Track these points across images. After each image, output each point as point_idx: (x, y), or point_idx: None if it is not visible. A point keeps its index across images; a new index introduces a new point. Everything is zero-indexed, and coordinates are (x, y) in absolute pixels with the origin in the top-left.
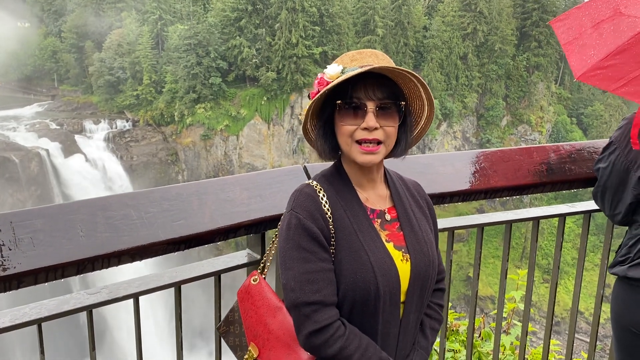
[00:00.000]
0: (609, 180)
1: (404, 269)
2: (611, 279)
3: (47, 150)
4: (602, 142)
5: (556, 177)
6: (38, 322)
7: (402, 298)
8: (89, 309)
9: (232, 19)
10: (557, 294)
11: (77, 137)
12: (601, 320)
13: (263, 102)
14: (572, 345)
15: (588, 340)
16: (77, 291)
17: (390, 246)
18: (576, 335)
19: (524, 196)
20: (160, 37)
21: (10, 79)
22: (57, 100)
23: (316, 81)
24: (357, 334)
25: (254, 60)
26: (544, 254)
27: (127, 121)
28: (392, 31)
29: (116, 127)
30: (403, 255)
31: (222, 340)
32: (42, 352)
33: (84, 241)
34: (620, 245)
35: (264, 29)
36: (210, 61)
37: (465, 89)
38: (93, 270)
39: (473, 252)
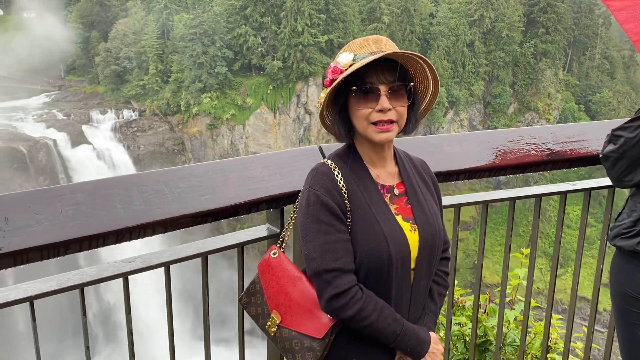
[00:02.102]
0: (631, 150)
1: (413, 238)
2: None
3: (54, 141)
4: (602, 124)
5: (557, 157)
6: (80, 286)
7: (413, 265)
8: (125, 275)
9: (238, 8)
10: (564, 282)
11: (84, 127)
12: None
13: (269, 91)
14: (572, 321)
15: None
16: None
17: (399, 218)
18: (581, 322)
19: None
20: (165, 26)
21: (17, 70)
22: (64, 91)
23: (330, 70)
24: (374, 298)
25: (259, 49)
26: (552, 242)
27: (134, 111)
28: (398, 18)
29: (123, 117)
30: (411, 226)
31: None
32: (84, 314)
33: (122, 213)
34: (618, 215)
35: (269, 18)
36: (215, 50)
37: (472, 76)
38: (130, 239)
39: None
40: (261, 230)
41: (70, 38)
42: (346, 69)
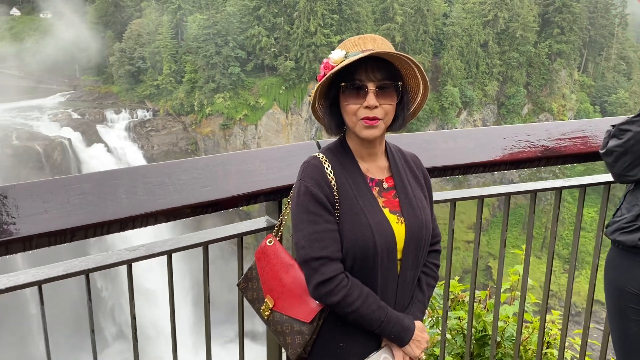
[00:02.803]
0: (636, 146)
1: (399, 229)
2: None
3: (69, 140)
4: (599, 121)
5: (551, 153)
6: (86, 272)
7: (399, 256)
8: (129, 262)
9: (251, 8)
10: (578, 284)
11: (98, 126)
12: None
13: (281, 91)
14: (568, 314)
15: (599, 327)
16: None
17: (386, 211)
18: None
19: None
20: (179, 26)
21: (33, 70)
22: (79, 90)
23: (322, 65)
24: (359, 285)
25: (272, 49)
26: (565, 244)
27: (148, 111)
28: (412, 19)
29: (137, 117)
30: (398, 219)
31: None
32: (89, 299)
33: (126, 203)
34: (616, 211)
35: (282, 18)
36: (229, 50)
37: (485, 76)
38: (134, 228)
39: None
40: (260, 222)
41: (86, 38)
42: (337, 65)
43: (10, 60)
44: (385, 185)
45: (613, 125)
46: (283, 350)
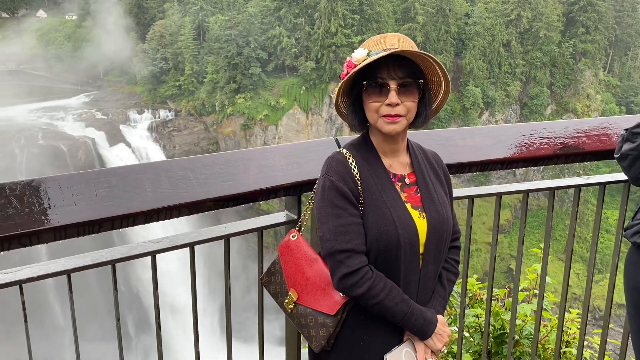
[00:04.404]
0: None
1: (421, 224)
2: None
3: (93, 139)
4: (618, 119)
5: (570, 150)
6: (112, 262)
7: (421, 250)
8: (153, 254)
9: (272, 9)
10: (603, 288)
11: (121, 126)
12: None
13: (302, 92)
14: (587, 312)
15: (618, 329)
16: None
17: (408, 206)
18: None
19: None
20: (201, 27)
21: (59, 71)
22: (103, 91)
23: (345, 64)
24: (383, 278)
25: (293, 50)
26: (589, 247)
27: (170, 111)
28: (433, 18)
29: (159, 117)
30: (420, 214)
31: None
32: (115, 288)
33: (151, 195)
34: (635, 213)
35: (303, 19)
36: (250, 51)
37: (508, 77)
38: (158, 220)
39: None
40: (280, 216)
41: (110, 39)
42: (359, 64)
43: (37, 62)
44: (407, 181)
45: (626, 129)
46: (301, 346)
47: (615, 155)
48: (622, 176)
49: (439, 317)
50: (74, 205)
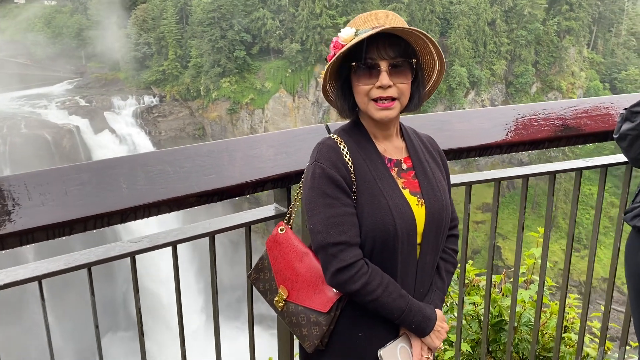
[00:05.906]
0: None
1: (419, 212)
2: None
3: (77, 127)
4: (617, 98)
5: (572, 132)
6: (88, 266)
7: (419, 240)
8: (133, 255)
9: None
10: (583, 263)
11: (106, 113)
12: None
13: (288, 75)
14: (589, 300)
15: (619, 309)
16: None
17: (406, 192)
18: (602, 301)
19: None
20: (184, 11)
21: (40, 58)
22: (86, 78)
23: (332, 45)
24: (379, 272)
25: (277, 32)
26: (577, 223)
27: (154, 97)
28: None
29: (144, 103)
30: (418, 200)
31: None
32: (92, 293)
33: (126, 193)
34: (636, 196)
35: (287, 0)
36: (234, 34)
37: (493, 55)
38: (135, 219)
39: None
40: (269, 210)
41: (91, 25)
42: (347, 44)
43: (17, 49)
44: (404, 165)
45: (626, 109)
46: (295, 341)
47: (614, 136)
48: (624, 158)
49: (438, 312)
50: (42, 206)
